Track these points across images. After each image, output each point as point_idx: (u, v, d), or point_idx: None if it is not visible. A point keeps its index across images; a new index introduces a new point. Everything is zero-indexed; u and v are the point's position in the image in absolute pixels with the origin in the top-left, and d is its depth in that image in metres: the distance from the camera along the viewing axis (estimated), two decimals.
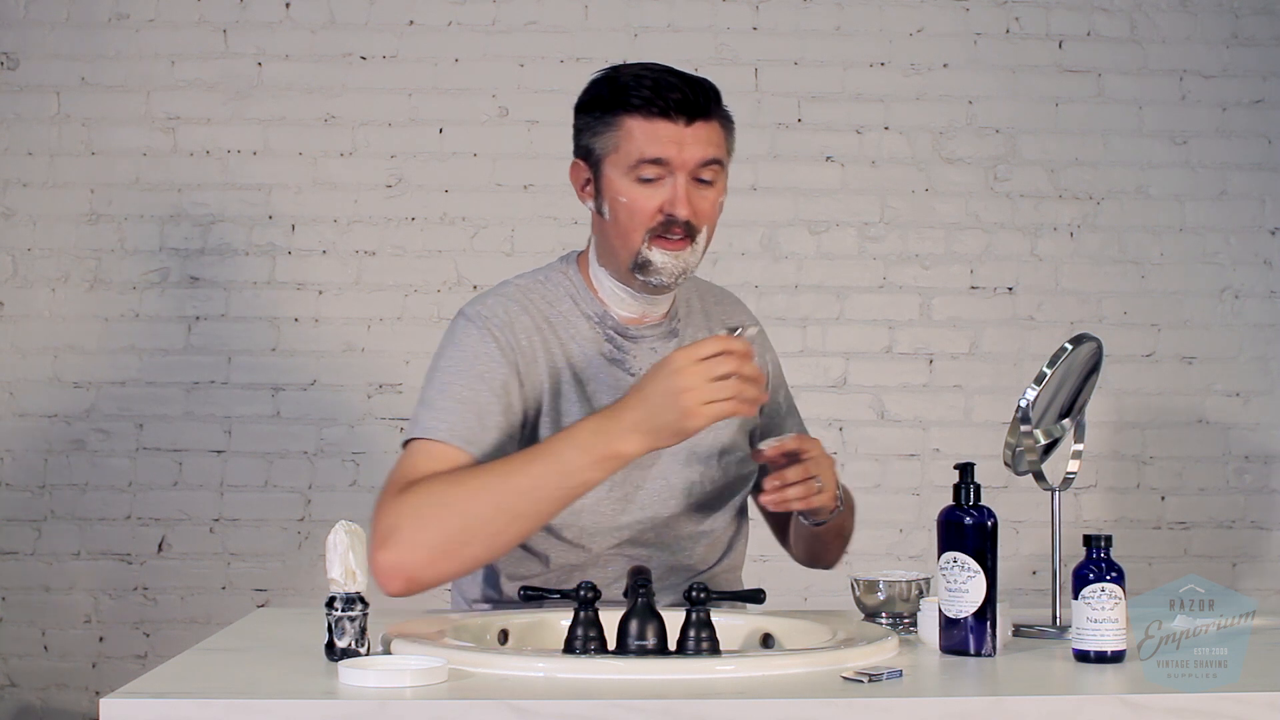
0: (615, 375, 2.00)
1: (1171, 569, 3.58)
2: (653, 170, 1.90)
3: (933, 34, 3.66)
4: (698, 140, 1.91)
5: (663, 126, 1.90)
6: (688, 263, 1.94)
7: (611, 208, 1.94)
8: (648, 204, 1.91)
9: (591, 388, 1.98)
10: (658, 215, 1.91)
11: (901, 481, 3.61)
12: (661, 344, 2.03)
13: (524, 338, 1.96)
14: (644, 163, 1.90)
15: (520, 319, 1.97)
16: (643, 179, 1.91)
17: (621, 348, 2.01)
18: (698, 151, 1.91)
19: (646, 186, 1.91)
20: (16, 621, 3.50)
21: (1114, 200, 3.67)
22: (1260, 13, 3.69)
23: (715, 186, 1.95)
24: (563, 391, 1.97)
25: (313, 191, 3.56)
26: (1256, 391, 3.67)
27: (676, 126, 1.90)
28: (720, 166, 1.95)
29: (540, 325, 1.98)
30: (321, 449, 3.52)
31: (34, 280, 3.52)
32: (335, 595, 1.51)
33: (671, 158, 1.90)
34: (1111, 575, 1.53)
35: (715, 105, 1.95)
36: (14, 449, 3.50)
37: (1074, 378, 1.82)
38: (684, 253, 1.93)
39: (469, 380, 1.91)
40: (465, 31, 3.59)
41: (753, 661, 1.49)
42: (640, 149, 1.90)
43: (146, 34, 3.55)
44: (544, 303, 2.01)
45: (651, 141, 1.90)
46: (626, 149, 1.92)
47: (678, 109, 1.90)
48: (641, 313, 2.03)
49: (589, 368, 1.99)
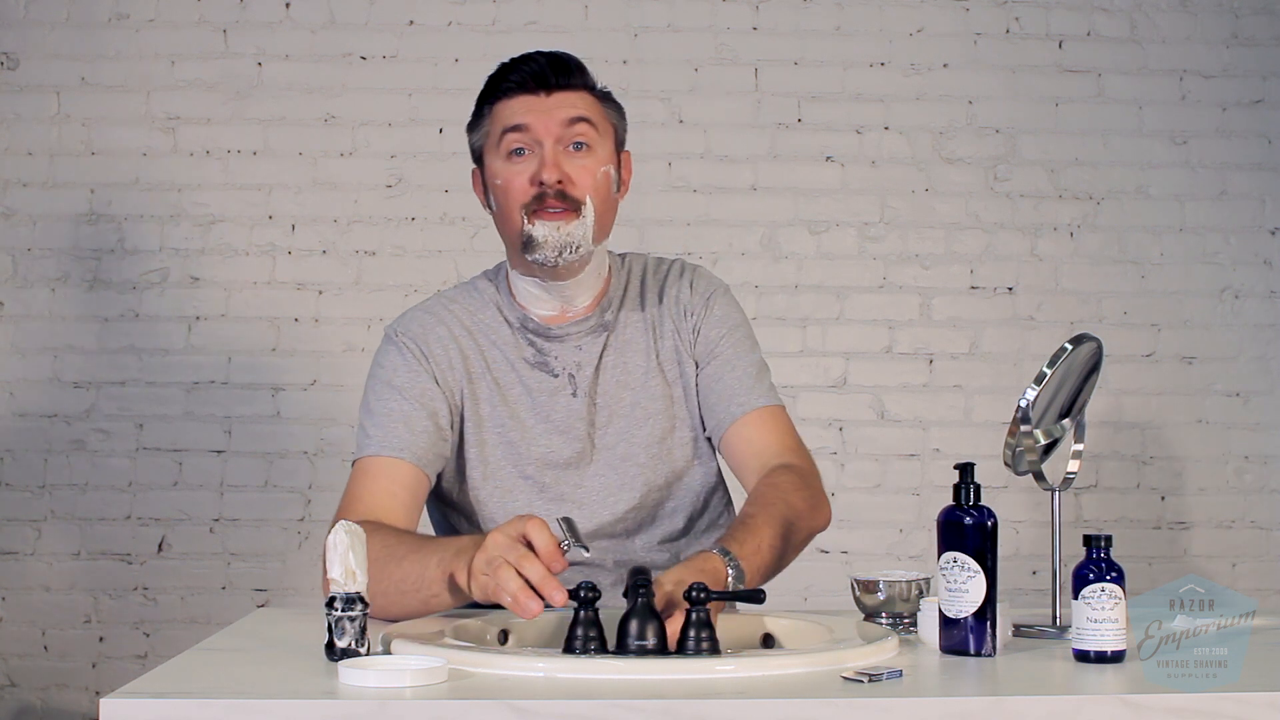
0: (538, 378, 2.01)
1: (1171, 569, 3.58)
2: (517, 139, 1.92)
3: (933, 34, 3.66)
4: (559, 105, 1.93)
5: (522, 100, 1.93)
6: (573, 236, 1.92)
7: (494, 195, 1.97)
8: (519, 178, 1.93)
9: (514, 393, 2.00)
10: (531, 189, 1.92)
11: (901, 481, 3.61)
12: (590, 339, 2.02)
13: (439, 347, 2.00)
14: (507, 132, 1.92)
15: (435, 330, 2.01)
16: (512, 152, 1.93)
17: (543, 350, 2.02)
18: (559, 114, 1.92)
19: (517, 162, 1.93)
20: (16, 621, 3.50)
21: (1114, 200, 3.67)
22: (1260, 13, 3.69)
23: (592, 155, 1.94)
24: (480, 396, 1.99)
25: (313, 191, 3.56)
26: (1256, 391, 3.67)
27: (537, 98, 1.93)
28: (590, 126, 1.94)
29: (458, 335, 2.01)
30: (321, 449, 3.52)
31: (34, 280, 3.52)
32: (335, 595, 1.51)
33: (531, 123, 1.92)
34: (1111, 575, 1.53)
35: (578, 75, 1.96)
36: (14, 449, 3.50)
37: (1074, 378, 1.81)
38: (569, 225, 1.92)
39: (388, 394, 1.97)
40: (465, 31, 3.59)
41: (753, 661, 1.49)
42: (503, 123, 1.93)
43: (146, 34, 3.55)
44: (465, 312, 2.04)
45: (512, 115, 1.93)
46: (494, 131, 1.95)
47: (535, 81, 1.93)
48: (560, 309, 2.02)
49: (510, 373, 2.01)
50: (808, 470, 1.98)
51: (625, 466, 1.99)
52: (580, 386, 2.01)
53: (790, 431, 2.04)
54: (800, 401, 3.58)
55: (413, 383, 1.98)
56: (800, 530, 1.88)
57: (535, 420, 2.00)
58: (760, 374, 2.05)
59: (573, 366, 2.01)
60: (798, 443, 2.03)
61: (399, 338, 2.02)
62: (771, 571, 1.82)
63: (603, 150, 1.96)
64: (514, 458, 1.99)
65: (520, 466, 1.99)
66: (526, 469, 1.99)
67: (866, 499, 3.61)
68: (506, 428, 2.00)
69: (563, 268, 1.95)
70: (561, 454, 1.99)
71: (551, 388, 2.00)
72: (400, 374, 1.99)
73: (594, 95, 1.98)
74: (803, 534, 1.90)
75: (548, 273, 1.96)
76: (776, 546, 1.81)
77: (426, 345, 2.00)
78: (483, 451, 2.00)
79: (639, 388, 2.02)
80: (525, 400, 2.00)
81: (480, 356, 2.01)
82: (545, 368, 2.01)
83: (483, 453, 2.00)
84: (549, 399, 2.00)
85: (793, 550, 1.88)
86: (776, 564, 1.82)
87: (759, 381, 2.03)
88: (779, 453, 1.99)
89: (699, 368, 2.04)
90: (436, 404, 1.97)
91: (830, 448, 3.60)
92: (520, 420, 2.00)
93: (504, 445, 1.99)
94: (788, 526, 1.84)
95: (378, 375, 2.02)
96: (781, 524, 1.82)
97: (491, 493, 1.99)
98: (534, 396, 2.00)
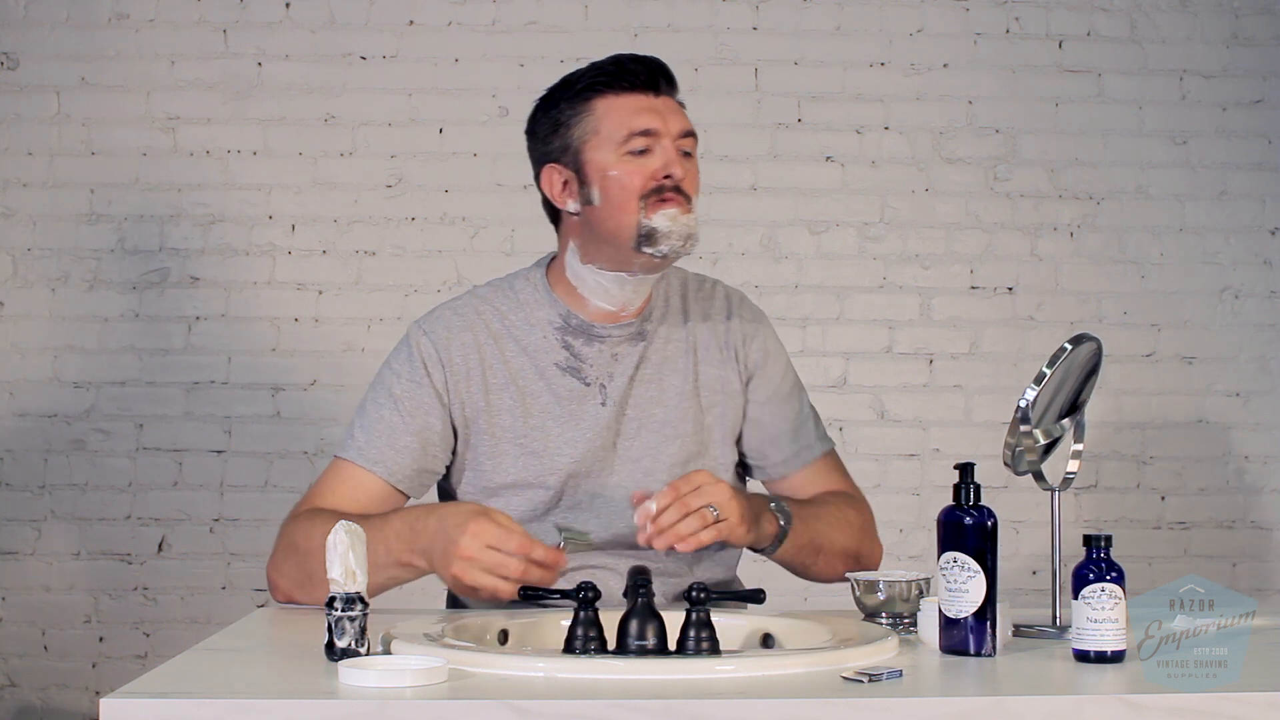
0: (568, 385, 2.00)
1: (1171, 569, 3.58)
2: (642, 141, 1.95)
3: (933, 34, 3.66)
4: (672, 110, 1.99)
5: (637, 99, 1.97)
6: (688, 228, 1.96)
7: (602, 188, 1.96)
8: (640, 173, 1.95)
9: (541, 401, 1.99)
10: (650, 182, 1.95)
11: (901, 481, 3.61)
12: (626, 347, 2.02)
13: (459, 355, 2.00)
14: (634, 135, 1.95)
15: (460, 336, 2.01)
16: (633, 152, 1.95)
17: (579, 355, 2.01)
18: (677, 121, 1.98)
19: (638, 159, 1.95)
20: (16, 621, 3.50)
21: (1114, 200, 3.67)
22: (1260, 13, 3.69)
23: (694, 159, 2.01)
24: (500, 407, 1.99)
25: (313, 191, 3.56)
26: (1256, 391, 3.67)
27: (649, 98, 1.97)
28: (695, 140, 2.01)
29: (483, 341, 2.01)
30: (321, 449, 3.52)
31: (34, 280, 3.52)
32: (335, 595, 1.51)
33: (658, 127, 1.95)
34: (1111, 575, 1.53)
35: (673, 81, 2.02)
36: (14, 449, 3.50)
37: (1074, 378, 1.81)
38: (686, 216, 1.96)
39: (384, 401, 2.00)
40: (465, 31, 3.59)
41: (753, 661, 1.49)
42: (627, 122, 1.95)
43: (146, 34, 3.55)
44: (495, 315, 2.03)
45: (635, 113, 1.96)
46: (609, 127, 1.96)
47: (645, 83, 1.97)
48: (621, 305, 2.02)
49: (537, 380, 2.00)
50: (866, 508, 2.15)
51: (647, 481, 1.98)
52: (610, 396, 2.00)
53: (848, 476, 2.18)
54: None
55: (411, 394, 1.98)
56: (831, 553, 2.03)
57: (560, 427, 1.99)
58: (817, 419, 2.16)
59: (605, 376, 2.01)
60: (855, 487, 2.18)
61: (417, 342, 2.02)
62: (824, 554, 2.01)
63: (696, 157, 2.03)
64: (536, 468, 1.98)
65: (541, 476, 1.98)
66: (548, 479, 1.98)
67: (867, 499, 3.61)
68: (529, 439, 1.98)
69: (671, 257, 1.96)
70: (584, 463, 1.99)
71: (580, 395, 2.00)
72: (402, 382, 1.99)
73: (680, 104, 2.03)
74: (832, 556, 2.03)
75: (655, 265, 1.97)
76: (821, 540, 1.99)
77: (447, 352, 2.00)
78: (501, 463, 1.99)
79: (672, 406, 2.03)
80: (553, 408, 1.99)
81: (504, 365, 2.00)
82: (577, 374, 2.01)
83: (501, 464, 1.99)
84: (577, 406, 1.99)
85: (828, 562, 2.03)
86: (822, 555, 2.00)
87: (818, 424, 2.15)
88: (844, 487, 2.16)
89: (750, 402, 2.09)
90: (430, 419, 1.98)
91: None
92: (544, 429, 1.99)
93: (526, 456, 1.99)
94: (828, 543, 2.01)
95: (384, 375, 2.03)
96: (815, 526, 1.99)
97: (509, 501, 1.99)
98: (562, 404, 1.99)
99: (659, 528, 1.75)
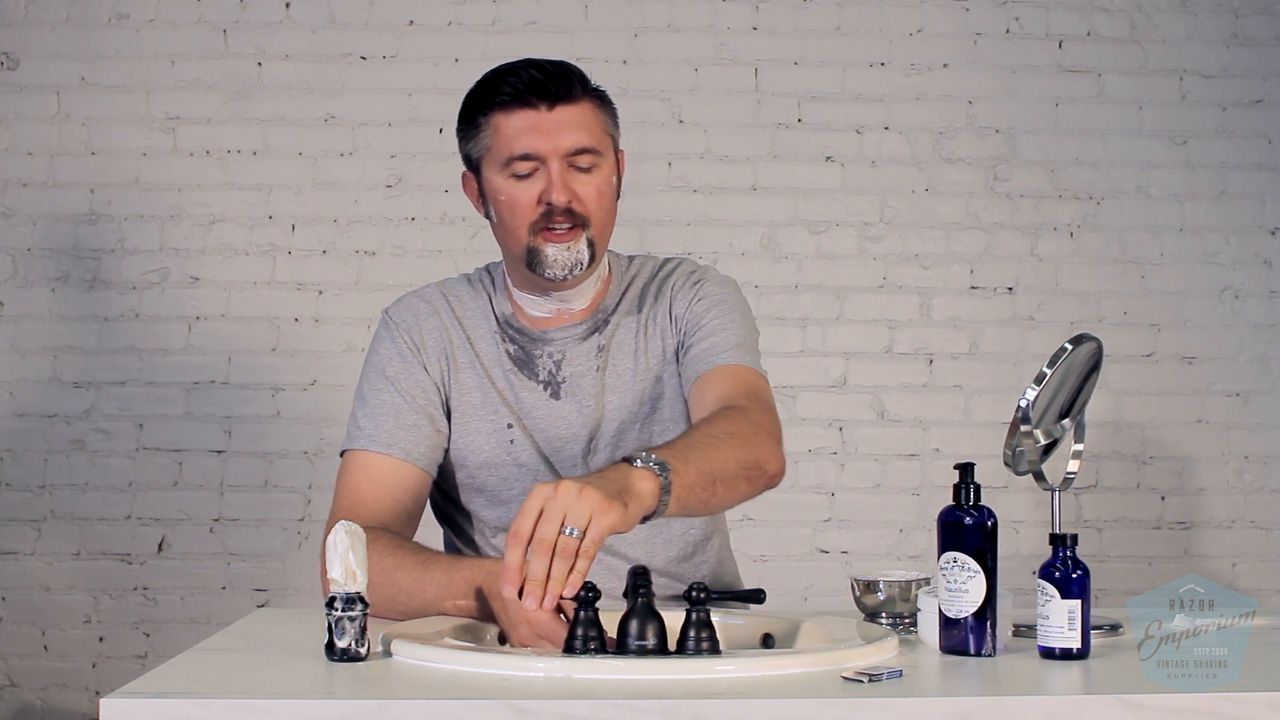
0: (520, 379, 2.00)
1: (1171, 569, 3.58)
2: (524, 165, 1.90)
3: (933, 34, 3.66)
4: (562, 126, 1.89)
5: (524, 115, 1.89)
6: (581, 254, 1.91)
7: (496, 209, 1.95)
8: (526, 197, 1.91)
9: (501, 385, 2.00)
10: (537, 207, 1.90)
11: (901, 481, 3.61)
12: (575, 346, 2.01)
13: (430, 337, 2.01)
14: (514, 160, 1.90)
15: (429, 320, 2.01)
16: (517, 175, 1.91)
17: (527, 350, 2.01)
18: (566, 139, 1.89)
19: (522, 181, 1.91)
20: (16, 621, 3.50)
21: (1114, 200, 3.67)
22: (1260, 13, 3.69)
23: (598, 172, 1.92)
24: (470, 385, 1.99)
25: (313, 191, 3.56)
26: (1256, 391, 3.67)
27: (539, 113, 1.89)
28: (594, 154, 1.91)
29: (448, 325, 2.01)
30: (321, 449, 3.52)
31: (34, 280, 3.52)
32: (335, 595, 1.51)
33: (540, 149, 1.89)
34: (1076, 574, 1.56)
35: (580, 87, 1.92)
36: (14, 449, 3.50)
37: (1074, 378, 1.81)
38: (577, 243, 1.91)
39: (381, 384, 1.98)
40: (465, 31, 3.59)
41: (753, 661, 1.49)
42: (508, 145, 1.90)
43: (146, 34, 3.55)
44: (458, 303, 2.04)
45: (517, 135, 1.89)
46: (496, 147, 1.92)
47: (537, 95, 1.89)
48: (556, 311, 2.01)
49: (496, 368, 2.01)
50: (760, 414, 1.83)
51: None
52: (564, 390, 2.00)
53: (755, 389, 1.89)
54: (800, 401, 3.58)
55: (405, 373, 1.99)
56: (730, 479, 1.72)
57: (525, 413, 2.00)
58: (742, 342, 1.95)
59: (553, 370, 2.01)
60: (759, 398, 1.88)
61: (394, 325, 2.02)
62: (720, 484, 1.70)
63: (605, 166, 1.94)
64: (510, 450, 1.99)
65: (515, 455, 1.99)
66: (520, 456, 1.99)
67: (866, 499, 3.61)
68: (498, 417, 2.00)
69: (571, 282, 1.95)
70: (550, 450, 1.99)
71: (530, 388, 2.00)
72: (394, 363, 1.99)
73: (593, 103, 1.94)
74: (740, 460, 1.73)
75: (553, 286, 1.96)
76: (715, 467, 1.68)
77: (419, 333, 2.01)
78: (474, 440, 2.00)
79: (627, 391, 2.01)
80: (508, 398, 2.00)
81: (469, 348, 2.01)
82: (528, 367, 2.01)
83: (474, 441, 2.00)
84: (530, 396, 2.00)
85: (726, 486, 1.72)
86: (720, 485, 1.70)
87: (737, 347, 1.94)
88: (732, 399, 1.85)
89: (682, 347, 1.99)
90: (429, 394, 1.98)
91: (830, 448, 3.60)
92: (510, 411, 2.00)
93: (496, 433, 1.99)
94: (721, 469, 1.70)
95: (373, 362, 2.02)
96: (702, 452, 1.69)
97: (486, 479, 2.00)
98: (517, 394, 2.00)
99: (535, 585, 1.50)
